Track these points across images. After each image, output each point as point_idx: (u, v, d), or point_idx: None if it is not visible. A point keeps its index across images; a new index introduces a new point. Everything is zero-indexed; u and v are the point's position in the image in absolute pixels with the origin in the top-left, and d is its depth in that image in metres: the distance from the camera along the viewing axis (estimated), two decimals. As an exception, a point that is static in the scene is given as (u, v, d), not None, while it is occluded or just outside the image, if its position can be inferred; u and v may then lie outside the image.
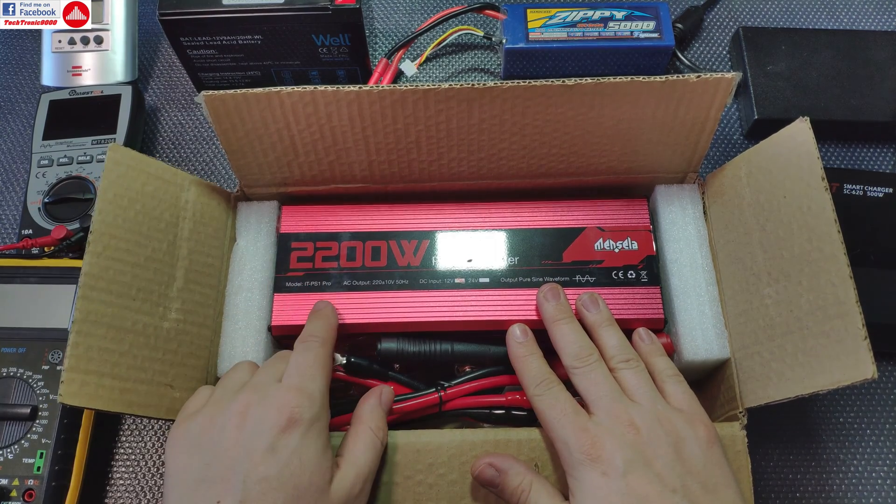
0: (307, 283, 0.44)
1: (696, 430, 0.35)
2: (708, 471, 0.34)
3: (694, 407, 0.37)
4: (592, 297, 0.42)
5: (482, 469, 0.36)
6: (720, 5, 0.65)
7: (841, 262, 0.35)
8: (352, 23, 0.53)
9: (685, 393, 0.38)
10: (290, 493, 0.32)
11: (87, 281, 0.36)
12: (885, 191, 0.50)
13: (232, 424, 0.34)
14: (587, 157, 0.45)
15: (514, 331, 0.41)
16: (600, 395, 0.36)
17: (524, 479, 0.36)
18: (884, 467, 0.47)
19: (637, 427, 0.35)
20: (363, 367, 0.42)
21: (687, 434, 0.35)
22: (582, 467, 0.34)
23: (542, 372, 0.38)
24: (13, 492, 0.42)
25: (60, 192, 0.52)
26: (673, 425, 0.35)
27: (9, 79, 0.62)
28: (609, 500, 0.33)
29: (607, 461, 0.34)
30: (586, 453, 0.34)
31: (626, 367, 0.38)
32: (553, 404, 0.36)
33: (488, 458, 0.37)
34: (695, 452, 0.34)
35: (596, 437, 0.34)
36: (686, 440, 0.35)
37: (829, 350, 0.35)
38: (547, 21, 0.57)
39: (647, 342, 0.41)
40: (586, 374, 0.37)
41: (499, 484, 0.36)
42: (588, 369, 0.38)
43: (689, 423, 0.35)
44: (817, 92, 0.56)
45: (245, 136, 0.42)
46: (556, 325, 0.40)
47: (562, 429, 0.35)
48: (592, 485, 0.33)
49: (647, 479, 0.33)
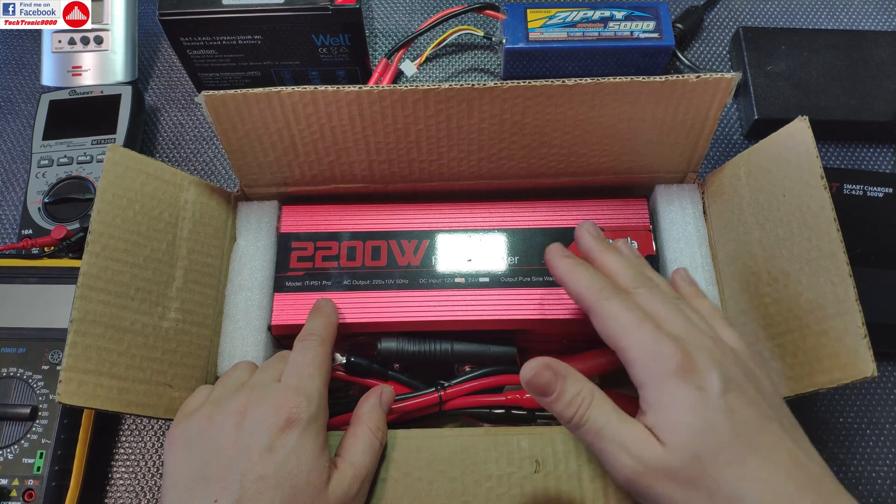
0: (307, 282, 0.44)
1: (766, 372, 0.33)
2: (784, 409, 0.32)
3: (749, 349, 0.35)
4: (627, 244, 0.40)
5: (538, 371, 0.32)
6: (720, 5, 0.65)
7: (840, 260, 0.35)
8: (352, 23, 0.53)
9: (737, 336, 0.35)
10: (288, 493, 0.32)
11: (85, 281, 0.36)
12: (885, 191, 0.50)
13: (230, 424, 0.34)
14: (587, 157, 0.45)
15: (554, 247, 0.38)
16: (672, 314, 0.33)
17: (585, 387, 0.32)
18: (884, 467, 0.46)
19: (722, 348, 0.32)
20: (363, 367, 0.42)
21: (758, 371, 0.33)
22: (673, 378, 0.30)
23: (603, 279, 0.34)
24: (13, 492, 0.42)
25: (60, 192, 0.52)
26: (740, 359, 0.33)
27: (9, 79, 0.62)
28: (710, 416, 0.29)
29: (703, 375, 0.30)
30: (678, 363, 0.30)
31: (683, 303, 0.35)
32: (629, 307, 0.32)
33: (545, 359, 0.32)
34: (769, 390, 0.32)
35: (687, 348, 0.31)
36: (760, 377, 0.32)
37: (828, 349, 0.35)
38: (547, 21, 0.57)
39: (687, 283, 0.39)
40: (651, 294, 0.34)
41: (555, 391, 0.32)
42: (652, 290, 0.34)
43: (756, 364, 0.33)
44: (817, 92, 0.56)
45: (245, 136, 0.42)
46: (604, 253, 0.37)
47: (645, 333, 0.31)
48: (688, 398, 0.30)
49: (745, 402, 0.30)
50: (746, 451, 0.29)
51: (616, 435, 0.31)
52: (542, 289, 0.43)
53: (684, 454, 0.29)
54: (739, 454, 0.29)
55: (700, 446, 0.29)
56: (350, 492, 0.34)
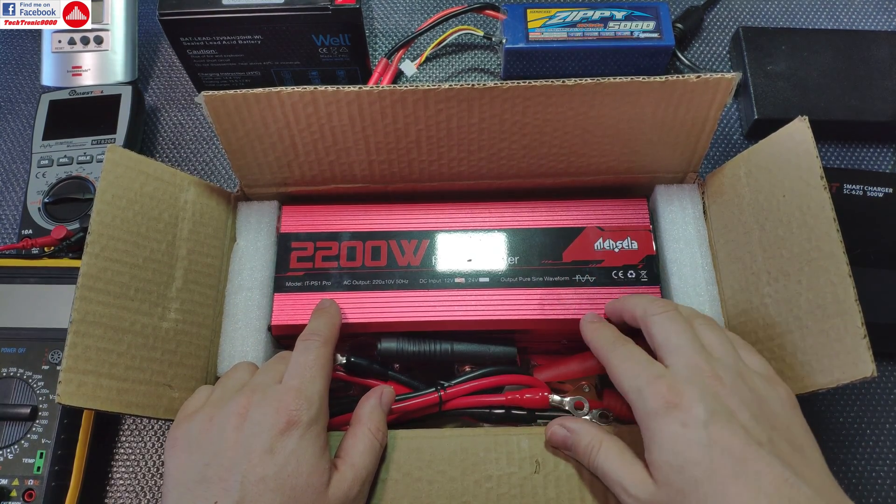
0: (307, 282, 0.44)
1: (778, 391, 0.34)
2: (793, 431, 0.32)
3: (771, 371, 0.35)
4: None
5: (554, 430, 0.36)
6: (720, 5, 0.64)
7: (840, 260, 0.35)
8: (352, 23, 0.53)
9: (759, 357, 0.36)
10: (288, 495, 0.32)
11: (85, 282, 0.36)
12: (885, 191, 0.50)
13: (231, 425, 0.34)
14: (587, 157, 0.45)
15: (588, 315, 0.41)
16: (681, 343, 0.34)
17: (594, 438, 0.35)
18: (884, 467, 0.46)
19: (720, 377, 0.32)
20: (363, 367, 0.42)
21: (769, 394, 0.33)
22: (658, 418, 0.32)
23: (616, 333, 0.38)
24: (13, 492, 0.42)
25: (60, 192, 0.52)
26: (755, 383, 0.33)
27: (9, 79, 0.62)
28: (689, 453, 0.31)
29: (686, 409, 0.31)
30: (663, 400, 0.32)
31: (704, 325, 0.36)
32: (628, 356, 0.35)
33: (559, 419, 0.37)
34: (778, 411, 0.32)
35: (673, 384, 0.32)
36: (769, 399, 0.33)
37: (828, 349, 0.35)
38: (547, 21, 0.57)
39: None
40: (666, 320, 0.36)
41: (571, 444, 0.36)
42: (668, 316, 0.36)
43: (770, 384, 0.34)
44: (817, 92, 0.56)
45: (245, 136, 0.42)
46: (625, 299, 0.40)
47: (635, 378, 0.34)
48: (671, 436, 0.31)
49: (731, 431, 0.30)
50: (728, 481, 0.30)
51: (618, 477, 0.33)
52: (542, 289, 0.43)
53: (671, 490, 0.31)
54: (720, 485, 0.30)
55: (682, 482, 0.31)
56: (350, 493, 0.34)
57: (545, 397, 0.41)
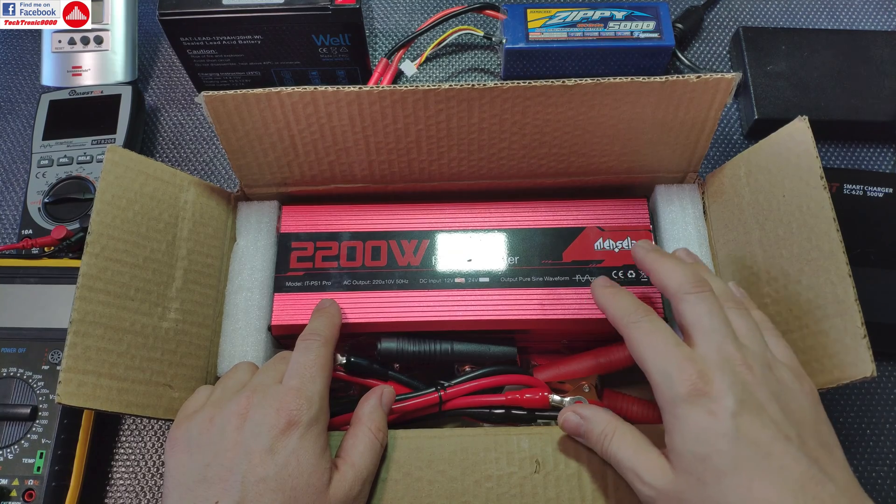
0: (307, 282, 0.44)
1: (804, 387, 0.33)
2: (819, 426, 0.31)
3: (797, 362, 0.34)
4: (689, 252, 0.40)
5: (568, 416, 0.36)
6: (720, 5, 0.64)
7: (840, 260, 0.35)
8: (352, 23, 0.53)
9: (787, 348, 0.35)
10: (288, 495, 0.32)
11: (84, 282, 0.36)
12: (885, 191, 0.50)
13: (231, 426, 0.34)
14: (587, 157, 0.45)
15: (599, 279, 0.39)
16: (713, 327, 0.32)
17: (608, 425, 0.34)
18: (884, 467, 0.46)
19: (751, 367, 0.31)
20: (363, 367, 0.42)
21: (796, 388, 0.32)
22: (685, 403, 0.30)
23: (636, 302, 0.35)
24: (13, 492, 0.42)
25: (60, 192, 0.52)
26: (783, 375, 0.32)
27: (9, 79, 0.62)
28: (715, 442, 0.29)
29: (716, 398, 0.30)
30: (692, 386, 0.30)
31: (735, 309, 0.34)
32: (653, 331, 0.33)
33: (573, 406, 0.36)
34: (805, 406, 0.32)
35: (704, 369, 0.31)
36: (796, 393, 0.32)
37: (828, 349, 0.35)
38: (547, 21, 0.57)
39: (738, 295, 0.38)
40: (700, 300, 0.33)
41: (584, 431, 0.35)
42: (703, 296, 0.33)
43: (797, 379, 0.33)
44: (817, 92, 0.56)
45: (245, 137, 0.42)
46: (661, 261, 0.36)
47: (662, 358, 0.32)
48: (696, 425, 0.30)
49: (761, 423, 0.30)
50: (754, 475, 0.29)
51: (632, 465, 0.33)
52: (542, 289, 0.43)
53: (690, 479, 0.30)
54: (745, 478, 0.29)
55: (704, 472, 0.30)
56: (351, 493, 0.34)
57: (545, 397, 0.41)
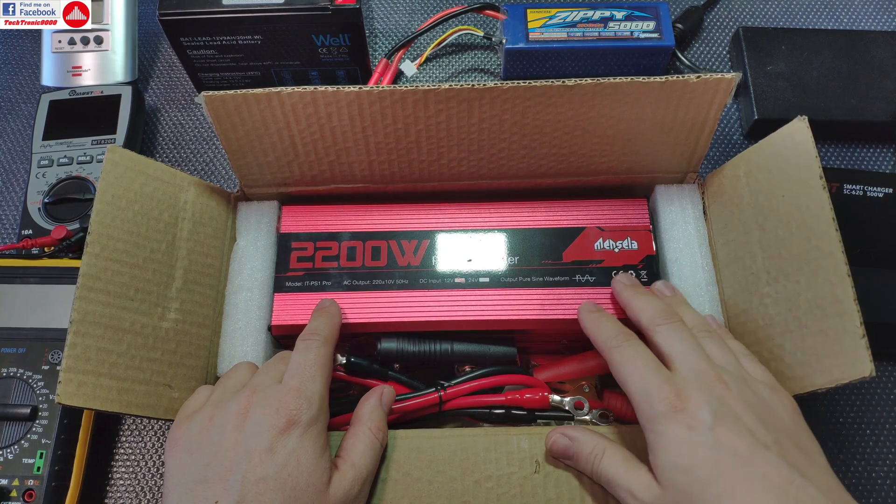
0: (307, 282, 0.44)
1: (781, 399, 0.34)
2: (798, 436, 0.33)
3: (773, 379, 0.36)
4: (667, 284, 0.42)
5: (555, 439, 0.36)
6: (720, 5, 0.65)
7: (839, 260, 0.35)
8: (352, 23, 0.53)
9: (762, 369, 0.37)
10: (288, 494, 0.32)
11: (84, 282, 0.36)
12: (885, 191, 0.50)
13: (231, 425, 0.34)
14: (587, 157, 0.45)
15: (585, 304, 0.41)
16: (685, 350, 0.35)
17: (597, 445, 0.35)
18: (884, 467, 0.46)
19: (725, 382, 0.33)
20: (363, 367, 0.42)
21: (773, 400, 0.34)
22: (664, 420, 0.32)
23: (618, 327, 0.37)
24: (13, 492, 0.42)
25: (60, 192, 0.52)
26: (758, 389, 0.34)
27: (9, 79, 0.62)
28: (695, 454, 0.31)
29: (693, 413, 0.32)
30: (670, 405, 0.32)
31: (708, 336, 0.37)
32: (633, 355, 0.35)
33: (560, 429, 0.37)
34: (783, 416, 0.33)
35: (681, 388, 0.33)
36: (773, 405, 0.33)
37: (827, 349, 0.35)
38: (547, 21, 0.57)
39: (714, 326, 0.40)
40: (670, 330, 0.36)
41: (572, 453, 0.36)
42: (672, 327, 0.36)
43: (773, 392, 0.34)
44: (817, 92, 0.56)
45: (245, 137, 0.42)
46: (635, 297, 0.39)
47: (641, 380, 0.34)
48: (676, 438, 0.32)
49: (738, 433, 0.31)
50: (735, 482, 0.30)
51: (623, 483, 0.34)
52: (542, 289, 0.43)
53: (677, 493, 0.31)
54: (728, 486, 0.30)
55: (689, 484, 0.31)
56: (351, 493, 0.34)
57: (545, 397, 0.41)
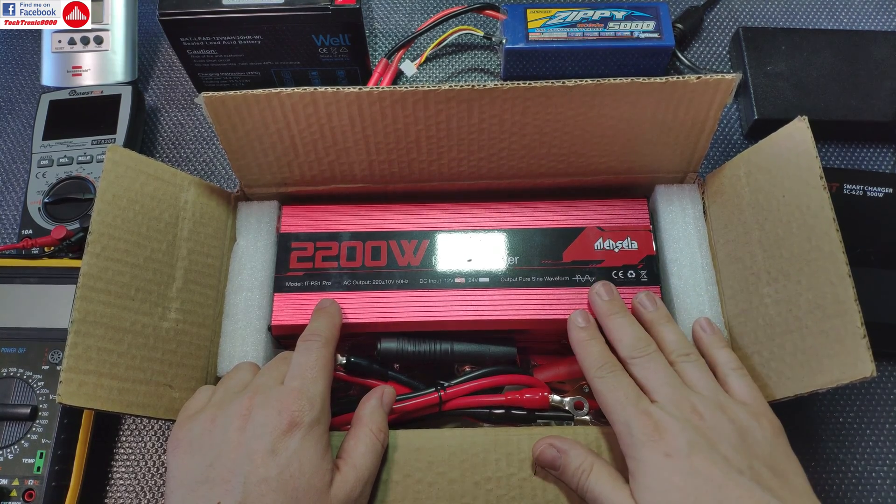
0: (307, 282, 0.44)
1: (761, 422, 0.35)
2: (775, 458, 0.34)
3: (758, 400, 0.36)
4: (649, 296, 0.42)
5: (543, 449, 0.36)
6: (720, 5, 0.65)
7: (840, 260, 0.35)
8: (352, 23, 0.53)
9: (749, 387, 0.37)
10: (290, 495, 0.32)
11: (85, 281, 0.36)
12: (885, 191, 0.50)
13: (233, 426, 0.34)
14: (587, 157, 0.45)
15: (576, 317, 0.41)
16: (661, 382, 0.36)
17: (585, 461, 0.35)
18: (884, 467, 0.46)
19: (700, 413, 0.34)
20: (363, 367, 0.42)
21: (751, 424, 0.34)
22: (644, 448, 0.33)
23: (604, 355, 0.38)
24: (13, 492, 0.42)
25: (60, 192, 0.52)
26: (736, 415, 0.35)
27: (9, 79, 0.62)
28: (672, 480, 0.32)
29: (670, 442, 0.33)
30: (649, 435, 0.34)
31: (686, 361, 0.38)
32: (615, 386, 0.36)
33: (549, 438, 0.37)
34: (759, 440, 0.34)
35: (659, 419, 0.34)
36: (750, 429, 0.34)
37: (828, 349, 0.35)
38: (547, 21, 0.57)
39: (708, 333, 0.41)
40: (645, 363, 0.37)
41: (560, 465, 0.36)
42: (647, 359, 0.37)
43: (752, 416, 0.35)
44: (817, 92, 0.56)
45: (245, 137, 0.42)
46: (612, 318, 0.40)
47: (623, 411, 0.35)
48: (655, 465, 0.33)
49: (712, 460, 0.32)
50: None
51: (613, 501, 0.34)
52: (542, 289, 0.43)
53: None
54: None
55: None
56: (352, 494, 0.34)
57: (545, 397, 0.41)
